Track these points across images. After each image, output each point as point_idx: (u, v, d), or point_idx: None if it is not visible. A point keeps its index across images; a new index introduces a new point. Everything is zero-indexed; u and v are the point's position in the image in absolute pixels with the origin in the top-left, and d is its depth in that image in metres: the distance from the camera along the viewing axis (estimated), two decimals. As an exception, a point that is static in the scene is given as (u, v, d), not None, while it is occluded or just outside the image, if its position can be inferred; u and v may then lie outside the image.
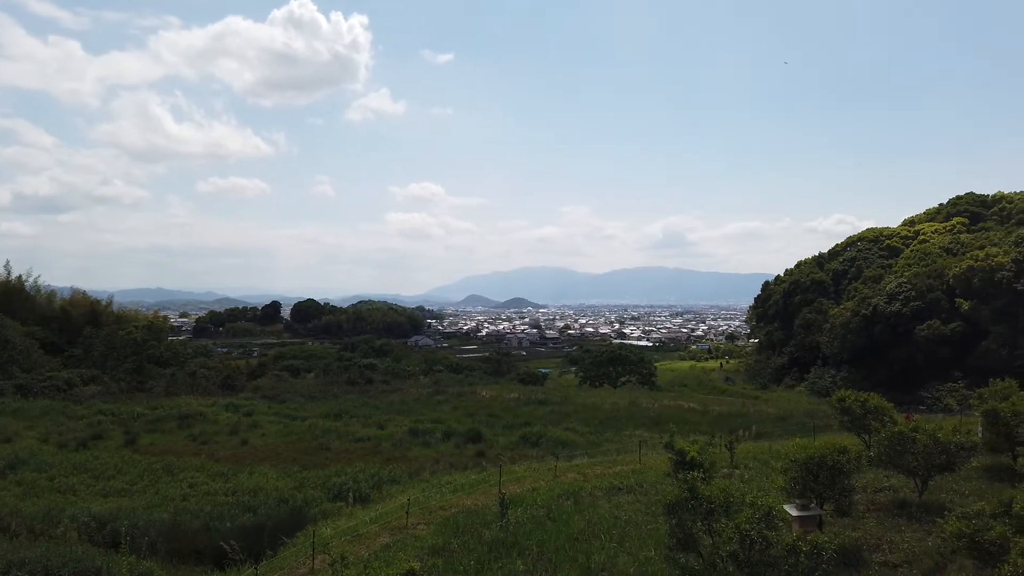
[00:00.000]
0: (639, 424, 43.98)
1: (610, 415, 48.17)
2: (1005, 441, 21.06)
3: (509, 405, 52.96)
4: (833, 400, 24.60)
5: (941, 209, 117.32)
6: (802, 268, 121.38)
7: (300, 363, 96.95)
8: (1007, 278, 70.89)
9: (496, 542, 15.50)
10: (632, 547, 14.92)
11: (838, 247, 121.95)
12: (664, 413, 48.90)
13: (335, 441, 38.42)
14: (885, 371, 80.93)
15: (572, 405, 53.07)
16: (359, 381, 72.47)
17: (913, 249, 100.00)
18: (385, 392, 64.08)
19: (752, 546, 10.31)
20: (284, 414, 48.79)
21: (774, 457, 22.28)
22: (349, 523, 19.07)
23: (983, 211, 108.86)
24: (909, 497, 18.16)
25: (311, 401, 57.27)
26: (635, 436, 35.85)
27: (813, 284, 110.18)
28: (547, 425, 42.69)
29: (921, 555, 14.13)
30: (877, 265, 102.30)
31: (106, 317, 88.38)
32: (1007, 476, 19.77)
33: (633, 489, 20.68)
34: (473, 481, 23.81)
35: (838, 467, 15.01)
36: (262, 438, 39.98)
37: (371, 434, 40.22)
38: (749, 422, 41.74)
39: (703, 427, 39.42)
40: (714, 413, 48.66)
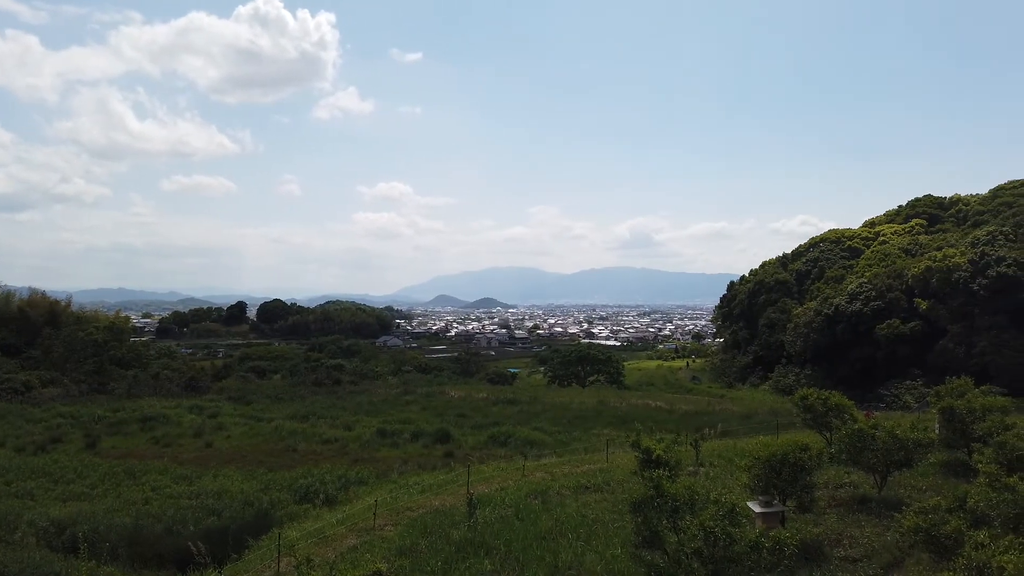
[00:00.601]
0: (607, 423, 44.33)
1: (578, 414, 48.47)
2: (960, 437, 21.64)
3: (478, 405, 53.00)
4: (796, 398, 25.02)
5: (900, 211, 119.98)
6: (766, 268, 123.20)
7: (266, 364, 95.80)
8: (963, 278, 72.76)
9: (464, 542, 15.50)
10: (599, 545, 15.04)
11: (801, 248, 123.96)
12: (632, 412, 49.35)
13: (302, 443, 38.08)
14: (846, 369, 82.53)
15: (541, 405, 53.30)
16: (327, 382, 71.86)
17: (873, 250, 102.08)
18: (353, 393, 63.68)
19: (716, 543, 10.46)
20: (250, 416, 48.24)
21: (738, 455, 22.59)
22: (316, 525, 18.92)
23: (940, 213, 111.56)
24: (869, 493, 18.57)
25: (277, 402, 56.70)
26: (603, 435, 36.12)
27: (777, 284, 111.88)
28: (516, 425, 42.81)
29: (880, 549, 14.46)
30: (839, 265, 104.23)
31: (66, 318, 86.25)
32: (962, 472, 20.28)
33: (600, 488, 20.84)
34: (441, 481, 23.78)
35: (800, 464, 15.31)
36: (227, 440, 39.45)
37: (339, 435, 39.95)
38: (715, 420, 42.35)
39: (670, 426, 39.80)
40: (681, 412, 49.25)
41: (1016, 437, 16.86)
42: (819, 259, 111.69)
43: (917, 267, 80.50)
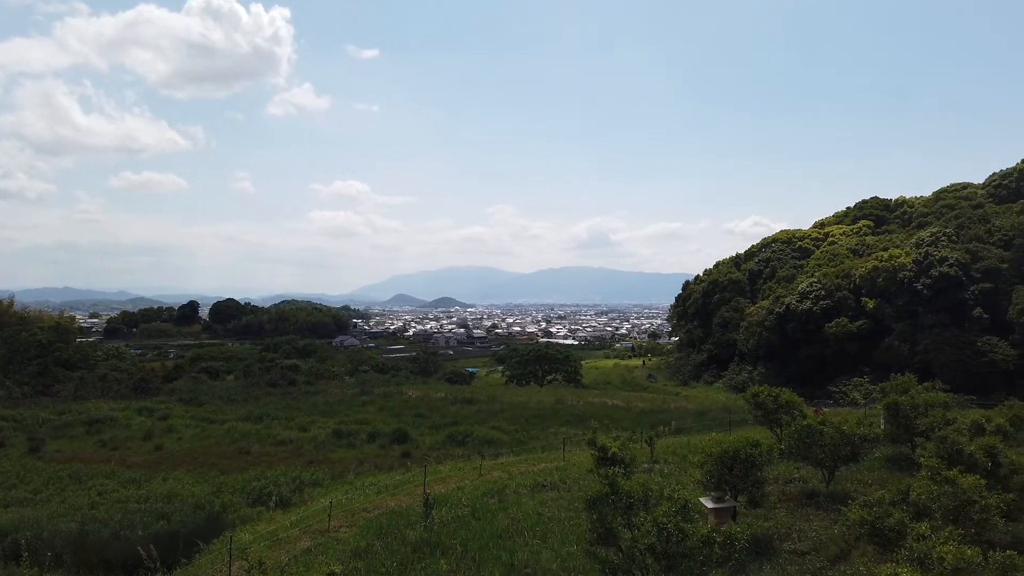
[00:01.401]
0: (564, 421, 44.58)
1: (536, 413, 48.63)
2: (905, 432, 22.32)
3: (436, 405, 52.80)
4: (747, 395, 25.51)
5: (849, 212, 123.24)
6: (720, 268, 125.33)
7: (219, 365, 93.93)
8: (908, 278, 75.10)
9: (420, 542, 15.43)
10: (555, 543, 15.12)
11: (754, 248, 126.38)
12: (589, 410, 49.70)
13: (255, 444, 37.47)
14: (797, 367, 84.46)
15: (499, 404, 53.33)
16: (281, 382, 70.75)
17: (823, 250, 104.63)
18: (308, 394, 62.85)
19: (669, 538, 10.59)
20: (202, 417, 47.26)
21: (692, 451, 22.93)
22: (269, 528, 18.62)
23: (887, 214, 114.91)
24: (817, 487, 19.03)
25: (230, 404, 55.65)
26: (560, 433, 36.30)
27: (730, 284, 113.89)
28: (474, 424, 42.78)
29: (828, 542, 14.83)
30: (790, 265, 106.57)
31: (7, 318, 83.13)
32: (906, 465, 20.92)
33: (557, 486, 20.95)
34: (398, 482, 23.63)
35: (751, 460, 15.61)
36: (178, 442, 38.59)
37: (293, 436, 39.41)
38: (669, 418, 42.88)
39: (626, 423, 40.27)
40: (637, 410, 49.76)
41: (956, 432, 17.44)
42: (771, 259, 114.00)
43: (864, 267, 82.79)
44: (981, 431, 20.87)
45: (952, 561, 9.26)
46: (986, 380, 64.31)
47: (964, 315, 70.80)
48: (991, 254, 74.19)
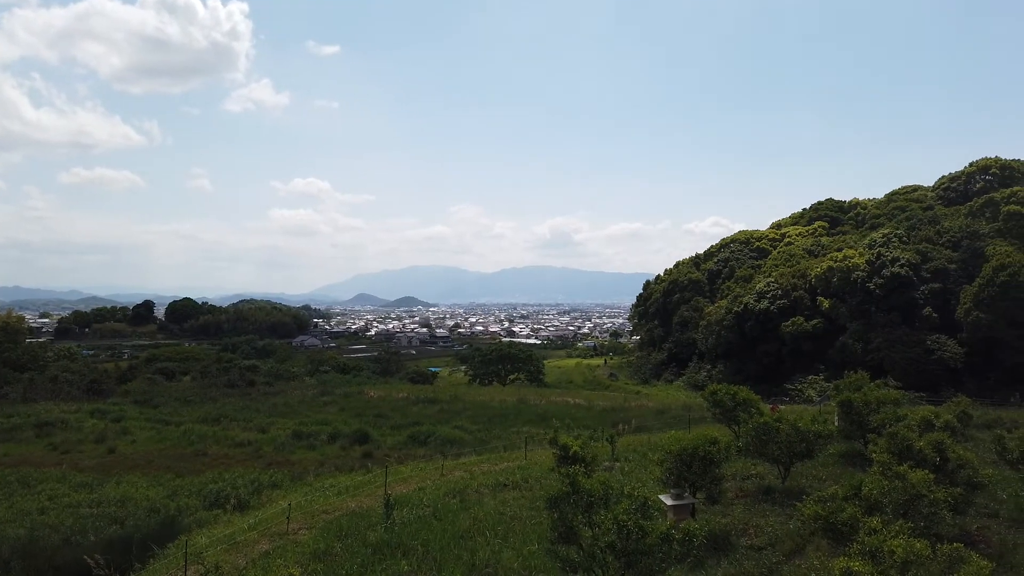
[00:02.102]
0: (527, 421, 44.68)
1: (499, 412, 48.64)
2: (857, 429, 22.88)
3: (398, 405, 52.47)
4: (706, 393, 25.90)
5: (804, 213, 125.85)
6: (680, 268, 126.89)
7: (175, 365, 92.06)
8: (861, 278, 76.89)
9: (381, 544, 15.34)
10: (516, 542, 15.16)
11: (713, 248, 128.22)
12: (551, 409, 49.87)
13: (213, 446, 36.81)
14: (755, 365, 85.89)
15: (461, 403, 53.21)
16: (240, 383, 69.61)
17: (780, 250, 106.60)
18: (268, 394, 61.94)
19: (629, 536, 10.69)
20: (157, 419, 46.24)
21: (652, 449, 23.21)
22: (226, 531, 18.32)
23: (841, 216, 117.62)
24: (773, 483, 19.41)
25: (187, 405, 54.58)
26: (523, 433, 36.38)
27: (690, 283, 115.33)
28: (436, 424, 42.63)
29: (783, 537, 15.13)
30: (748, 265, 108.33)
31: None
32: (859, 461, 21.44)
33: (519, 485, 21.01)
34: (359, 483, 23.45)
35: (709, 457, 15.85)
36: (132, 445, 37.68)
37: (252, 438, 38.81)
38: (630, 416, 43.31)
39: (588, 422, 40.53)
40: (598, 408, 50.09)
41: (907, 428, 17.91)
42: (730, 259, 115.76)
43: (819, 267, 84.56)
44: (930, 427, 21.48)
45: (902, 554, 9.49)
46: (936, 377, 66.17)
47: (915, 314, 72.74)
48: (940, 255, 76.39)
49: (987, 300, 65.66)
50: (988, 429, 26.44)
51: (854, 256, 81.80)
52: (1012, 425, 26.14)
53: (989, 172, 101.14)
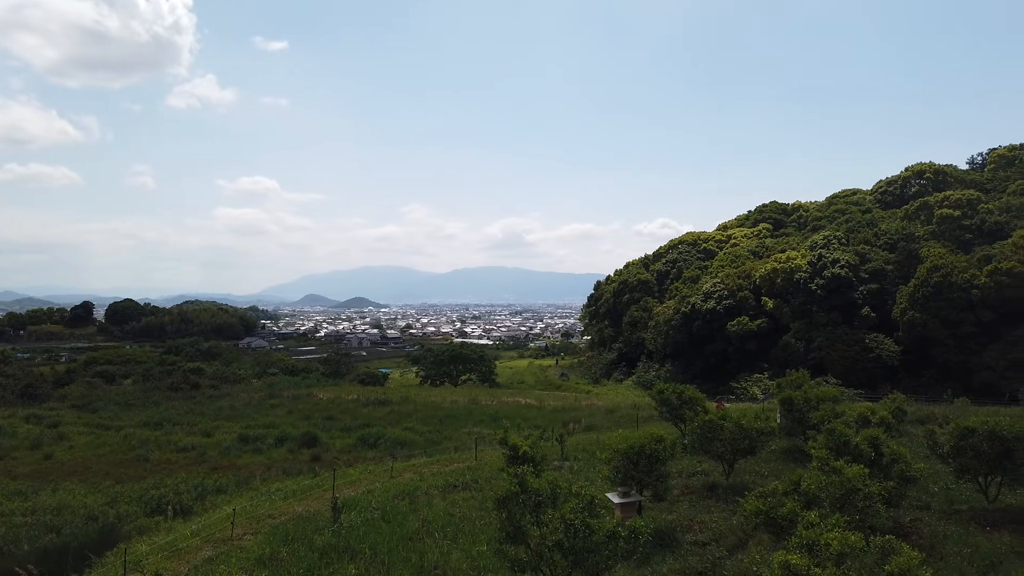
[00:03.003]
0: (478, 421, 44.67)
1: (450, 413, 48.52)
2: (798, 425, 23.56)
3: (347, 407, 51.87)
4: (654, 392, 26.36)
5: (750, 215, 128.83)
6: (630, 269, 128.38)
7: (116, 368, 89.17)
8: (803, 279, 79.00)
9: (328, 548, 15.17)
10: (465, 543, 15.17)
11: (662, 249, 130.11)
12: (502, 410, 49.97)
13: (155, 451, 35.84)
14: (702, 364, 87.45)
15: (412, 404, 52.90)
16: (184, 386, 67.82)
17: (726, 252, 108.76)
18: (213, 398, 60.51)
19: (576, 534, 10.82)
20: (96, 424, 44.81)
21: (601, 448, 23.46)
22: (168, 538, 17.87)
23: (784, 218, 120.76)
24: (718, 480, 19.84)
25: (128, 409, 52.92)
26: (473, 433, 36.38)
27: (640, 284, 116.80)
28: (386, 426, 42.30)
29: (727, 532, 15.49)
30: (695, 266, 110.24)
31: None
32: (800, 457, 22.07)
33: (468, 486, 21.01)
34: (306, 486, 23.14)
35: (655, 455, 16.14)
36: (69, 451, 36.45)
37: (196, 442, 37.91)
38: (581, 416, 43.70)
39: (539, 422, 40.74)
40: (549, 408, 50.36)
41: (844, 425, 18.50)
42: (678, 260, 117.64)
43: (764, 268, 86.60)
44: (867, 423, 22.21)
45: (837, 547, 9.82)
46: (874, 375, 68.38)
47: (854, 314, 75.02)
48: (878, 256, 79.02)
49: (921, 300, 68.17)
50: (921, 424, 27.48)
51: (796, 257, 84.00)
52: (944, 420, 27.23)
53: (923, 176, 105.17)
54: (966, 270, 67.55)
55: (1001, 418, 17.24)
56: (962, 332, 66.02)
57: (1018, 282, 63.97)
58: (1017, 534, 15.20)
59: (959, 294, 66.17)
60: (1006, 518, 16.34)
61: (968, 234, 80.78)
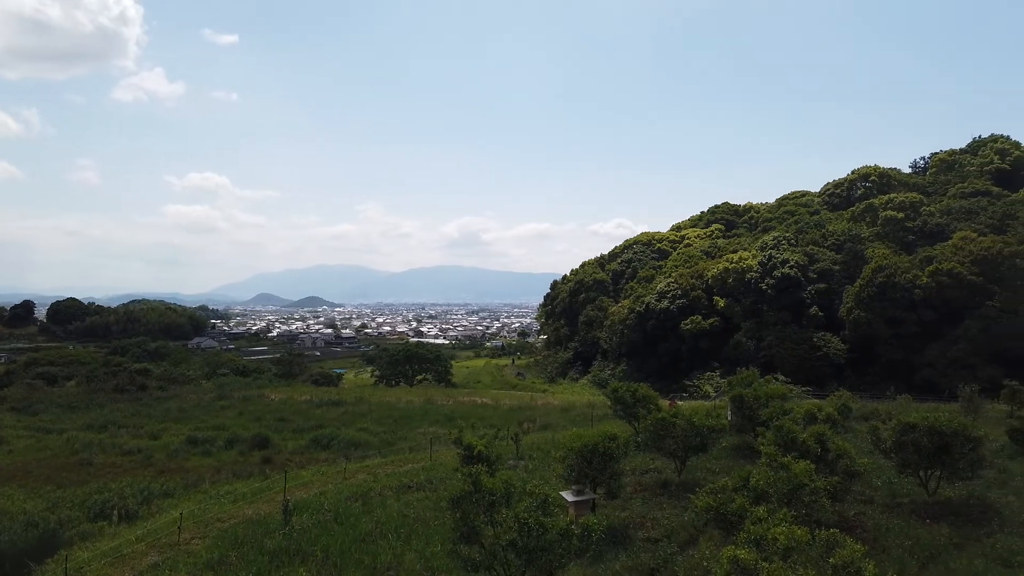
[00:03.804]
0: (434, 421, 44.43)
1: (405, 414, 48.17)
2: (748, 422, 24.01)
3: (300, 408, 51.09)
4: (608, 391, 26.58)
5: (703, 216, 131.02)
6: (586, 268, 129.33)
7: (58, 370, 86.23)
8: (754, 279, 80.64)
9: (278, 550, 14.92)
10: (419, 544, 15.08)
11: (617, 249, 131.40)
12: (458, 409, 49.80)
13: (99, 455, 34.72)
14: (656, 363, 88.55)
15: (367, 405, 52.36)
16: (130, 388, 65.90)
17: (679, 252, 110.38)
18: (161, 399, 58.94)
19: (530, 533, 10.84)
20: (37, 427, 43.26)
21: (556, 447, 23.54)
22: (112, 544, 17.35)
23: (736, 219, 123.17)
24: (670, 477, 20.10)
25: (71, 412, 51.18)
26: (429, 433, 36.18)
27: (595, 283, 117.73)
28: (340, 427, 41.76)
29: (678, 529, 15.70)
30: (650, 266, 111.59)
31: None
32: (750, 454, 22.47)
33: (423, 486, 20.90)
34: (256, 489, 22.72)
35: (608, 453, 16.26)
36: (8, 456, 35.09)
37: (143, 445, 36.86)
38: (536, 415, 43.84)
39: (494, 421, 40.71)
40: (505, 408, 50.37)
41: (792, 421, 18.94)
42: (633, 260, 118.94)
43: (716, 268, 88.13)
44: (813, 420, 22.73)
45: (784, 541, 10.02)
46: (821, 373, 70.12)
47: (803, 313, 76.81)
48: (825, 257, 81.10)
49: (867, 300, 70.18)
50: (866, 421, 28.24)
51: (747, 258, 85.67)
52: (887, 417, 28.01)
53: (869, 179, 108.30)
54: (909, 271, 69.80)
55: (940, 414, 17.77)
56: (905, 331, 68.17)
57: (957, 283, 66.36)
58: (955, 526, 15.74)
59: (902, 294, 68.34)
60: (945, 510, 16.90)
61: (911, 235, 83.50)
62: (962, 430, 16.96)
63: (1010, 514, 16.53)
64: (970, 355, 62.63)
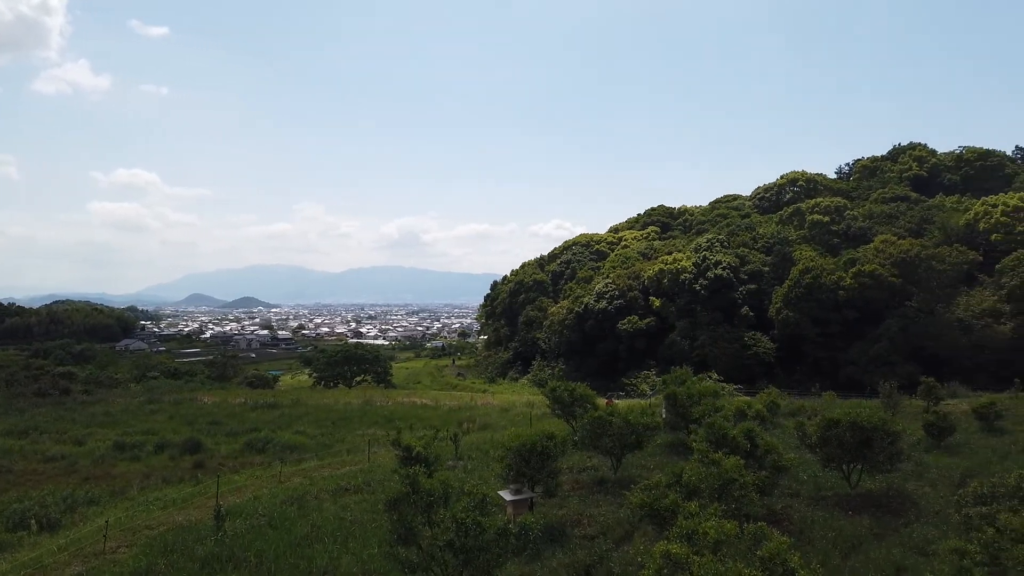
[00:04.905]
0: (373, 423, 44.01)
1: (343, 415, 47.56)
2: (681, 420, 24.62)
3: (234, 411, 49.85)
4: (546, 390, 26.86)
5: (639, 218, 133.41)
6: (526, 269, 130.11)
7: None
8: (688, 279, 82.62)
9: (210, 557, 14.58)
10: (355, 547, 14.95)
11: (556, 250, 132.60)
12: (398, 411, 49.45)
13: (19, 462, 33.23)
14: (595, 362, 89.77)
15: (304, 407, 51.48)
16: (53, 392, 63.16)
17: (617, 253, 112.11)
18: (86, 403, 56.66)
19: (467, 533, 10.89)
20: (-51, 435, 41.00)
21: (495, 447, 23.68)
22: (32, 554, 16.66)
23: (671, 221, 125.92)
24: (607, 475, 20.45)
25: (-13, 418, 48.73)
26: (367, 435, 35.84)
27: (535, 284, 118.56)
28: (276, 429, 40.97)
29: (614, 526, 15.99)
30: (588, 267, 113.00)
31: None
32: (683, 450, 23.03)
33: (360, 488, 20.72)
34: (188, 494, 22.14)
35: (546, 452, 16.46)
36: (-82, 466, 33.20)
37: (66, 451, 35.38)
38: (476, 415, 43.93)
39: (434, 422, 40.58)
40: (445, 408, 50.27)
41: (722, 419, 19.52)
42: (572, 261, 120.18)
43: (652, 269, 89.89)
44: (743, 417, 23.49)
45: (714, 535, 10.35)
46: (752, 371, 72.34)
47: (734, 313, 79.06)
48: (756, 258, 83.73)
49: (794, 300, 72.73)
50: (793, 417, 29.24)
51: (682, 259, 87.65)
52: (812, 413, 29.11)
53: (797, 184, 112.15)
54: (834, 272, 72.63)
55: (862, 410, 18.52)
56: (830, 330, 70.91)
57: (878, 284, 69.39)
58: (875, 517, 16.48)
59: (827, 295, 71.06)
60: (867, 502, 17.67)
61: (836, 238, 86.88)
62: (882, 425, 17.74)
63: (926, 504, 17.38)
64: (890, 353, 65.58)
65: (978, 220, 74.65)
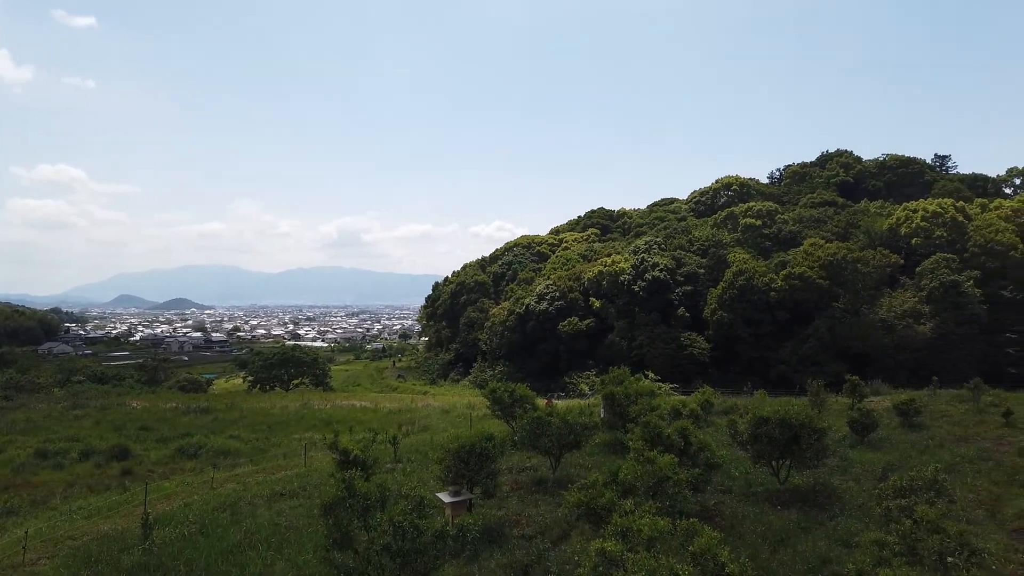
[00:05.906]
0: (310, 426, 43.28)
1: (280, 419, 46.59)
2: (619, 419, 24.98)
3: (165, 416, 48.28)
4: (487, 391, 26.90)
5: (580, 221, 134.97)
6: (467, 270, 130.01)
7: None
8: (627, 281, 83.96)
9: (137, 567, 14.12)
10: (291, 552, 14.70)
11: (498, 252, 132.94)
12: (336, 414, 48.72)
13: (-71, 473, 31.44)
14: (536, 363, 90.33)
15: (239, 411, 50.22)
16: (-33, 398, 59.99)
17: (558, 255, 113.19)
18: (5, 410, 54.00)
19: (404, 536, 10.85)
20: None
21: (435, 448, 23.56)
22: (-57, 571, 15.82)
23: (611, 224, 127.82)
24: (546, 475, 20.61)
25: None
26: (305, 439, 35.23)
27: (476, 285, 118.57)
28: (209, 434, 39.87)
29: (552, 525, 16.14)
30: (530, 268, 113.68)
31: None
32: (620, 449, 23.38)
33: (296, 493, 20.37)
34: (114, 503, 21.38)
35: (485, 453, 16.51)
36: None
37: (-17, 461, 33.69)
38: (416, 417, 43.66)
39: (373, 424, 40.16)
40: (385, 410, 49.80)
41: (658, 417, 19.91)
42: (513, 262, 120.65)
43: (592, 271, 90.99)
44: (678, 415, 24.01)
45: (648, 532, 10.58)
46: (688, 371, 73.96)
47: (671, 314, 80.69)
48: (692, 261, 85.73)
49: (728, 301, 74.68)
50: (725, 415, 30.01)
51: (621, 261, 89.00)
52: (744, 411, 29.89)
53: (731, 188, 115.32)
54: (765, 274, 74.89)
55: (791, 408, 19.14)
56: (762, 330, 73.06)
57: (807, 286, 71.86)
58: (803, 511, 17.08)
59: (759, 296, 73.22)
60: (794, 497, 18.29)
61: (768, 242, 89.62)
62: (809, 422, 18.38)
63: (850, 498, 18.09)
64: (819, 352, 68.01)
65: (900, 224, 78.14)
